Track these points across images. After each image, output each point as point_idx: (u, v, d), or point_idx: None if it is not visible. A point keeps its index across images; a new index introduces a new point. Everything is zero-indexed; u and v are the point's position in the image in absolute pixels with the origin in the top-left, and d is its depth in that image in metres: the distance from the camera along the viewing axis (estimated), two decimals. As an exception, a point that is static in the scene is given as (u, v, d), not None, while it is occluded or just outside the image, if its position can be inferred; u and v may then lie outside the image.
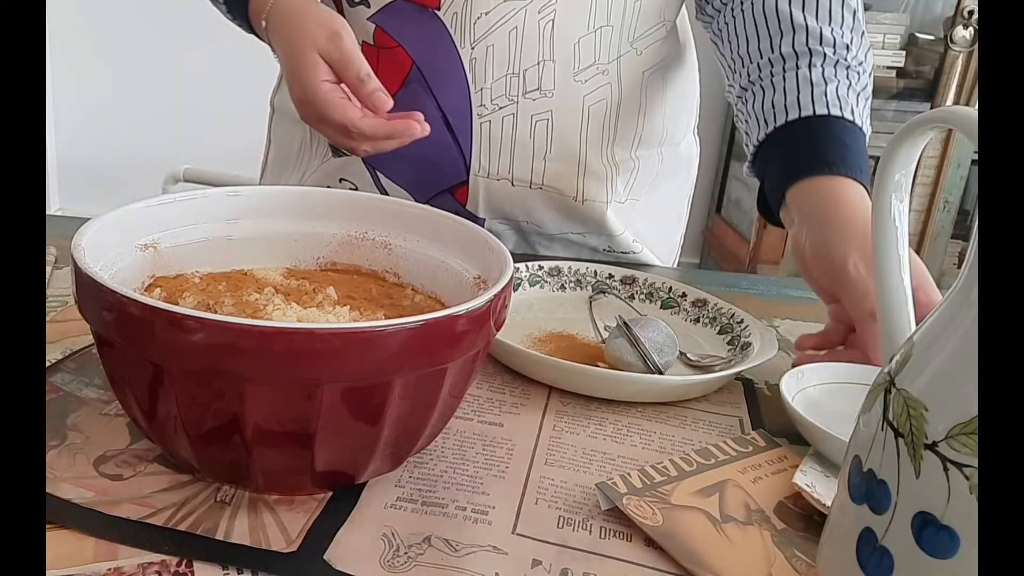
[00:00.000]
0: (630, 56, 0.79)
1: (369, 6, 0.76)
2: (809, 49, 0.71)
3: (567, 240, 0.87)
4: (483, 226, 0.83)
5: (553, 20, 0.74)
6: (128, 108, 2.79)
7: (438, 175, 0.81)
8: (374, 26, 0.76)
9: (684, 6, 0.87)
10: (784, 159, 0.69)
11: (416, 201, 0.82)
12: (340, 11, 0.75)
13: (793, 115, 0.69)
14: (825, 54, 0.71)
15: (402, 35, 0.75)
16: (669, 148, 0.88)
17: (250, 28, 0.76)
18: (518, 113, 0.77)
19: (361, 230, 0.58)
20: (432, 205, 0.83)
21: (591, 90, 0.78)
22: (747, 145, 0.74)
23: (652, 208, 0.90)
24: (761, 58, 0.73)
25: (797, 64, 0.71)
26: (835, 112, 0.68)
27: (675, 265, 0.99)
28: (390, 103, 0.65)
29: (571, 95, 0.77)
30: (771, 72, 0.72)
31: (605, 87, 0.78)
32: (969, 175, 2.47)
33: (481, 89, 0.75)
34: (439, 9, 0.73)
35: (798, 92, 0.69)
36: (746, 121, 0.74)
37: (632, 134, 0.82)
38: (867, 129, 0.70)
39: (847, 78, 0.70)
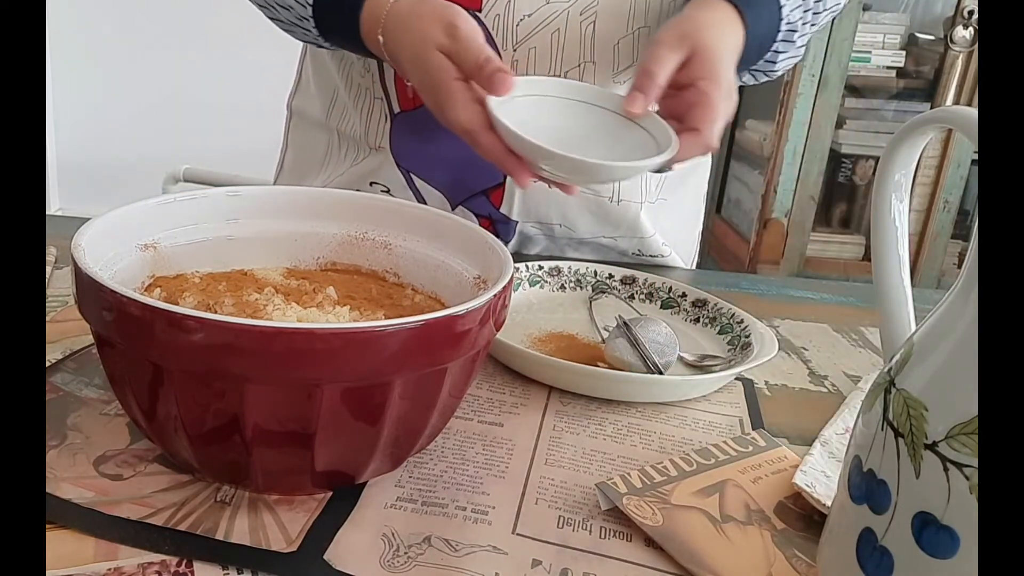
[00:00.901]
0: None
1: None
2: None
3: (598, 244, 0.87)
4: (515, 229, 0.84)
5: (594, 22, 0.74)
6: (128, 108, 2.78)
7: (474, 177, 0.80)
8: None
9: None
10: None
11: (451, 203, 0.82)
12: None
13: None
14: None
15: None
16: None
17: (354, 47, 0.71)
18: None
19: (361, 230, 0.58)
20: (466, 207, 0.82)
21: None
22: None
23: (676, 205, 0.90)
24: None
25: None
26: None
27: (694, 265, 0.99)
28: (510, 82, 0.60)
29: None
30: None
31: None
32: (969, 175, 2.47)
33: None
34: (480, 11, 0.73)
35: None
36: None
37: None
38: (791, 21, 0.70)
39: None
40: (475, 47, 0.61)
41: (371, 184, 0.84)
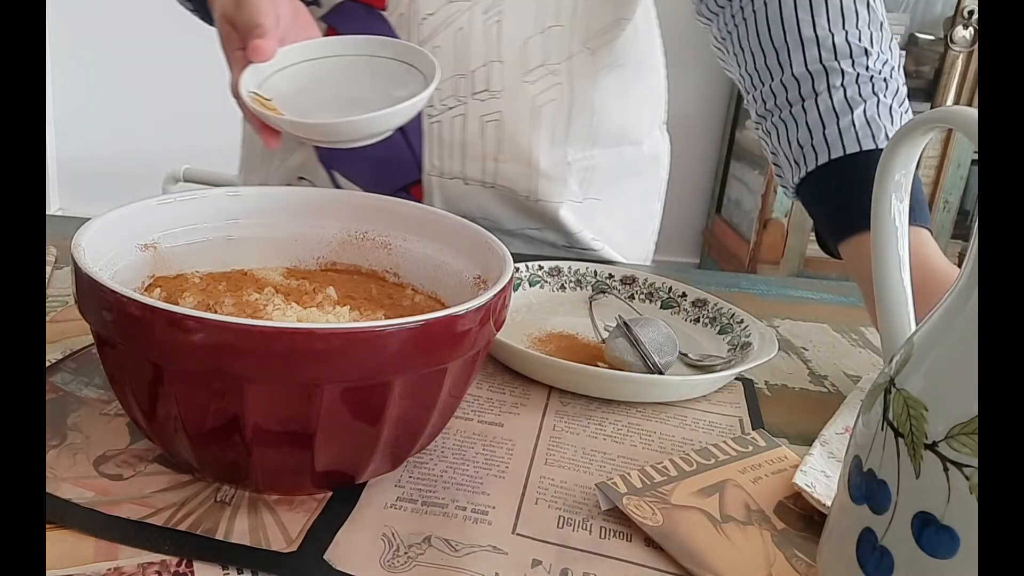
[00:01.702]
0: (583, 56, 0.78)
1: (320, 5, 0.76)
2: (824, 67, 0.65)
3: (526, 236, 0.86)
4: None
5: (500, 21, 0.73)
6: (128, 108, 2.79)
7: (393, 174, 0.80)
8: (326, 25, 0.76)
9: (652, 1, 0.86)
10: (826, 212, 0.66)
11: None
12: None
13: (823, 157, 0.64)
14: (843, 71, 0.65)
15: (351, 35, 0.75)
16: (631, 147, 0.87)
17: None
18: (467, 114, 0.76)
19: (361, 230, 0.58)
20: None
21: (541, 91, 0.77)
22: (784, 183, 0.71)
23: (617, 207, 0.89)
24: (773, 80, 0.68)
25: (815, 88, 0.66)
26: (867, 145, 0.63)
27: (649, 262, 0.98)
28: (264, 50, 0.59)
29: (520, 96, 0.76)
30: (787, 100, 0.67)
31: (556, 87, 0.77)
32: (969, 175, 2.47)
33: None
34: (385, 10, 0.73)
35: (823, 128, 0.65)
36: (774, 153, 0.70)
37: (586, 134, 0.81)
38: None
39: (873, 93, 0.65)
40: (249, 16, 0.60)
41: (299, 179, 0.85)
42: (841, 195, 0.65)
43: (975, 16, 2.34)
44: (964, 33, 2.37)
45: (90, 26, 2.68)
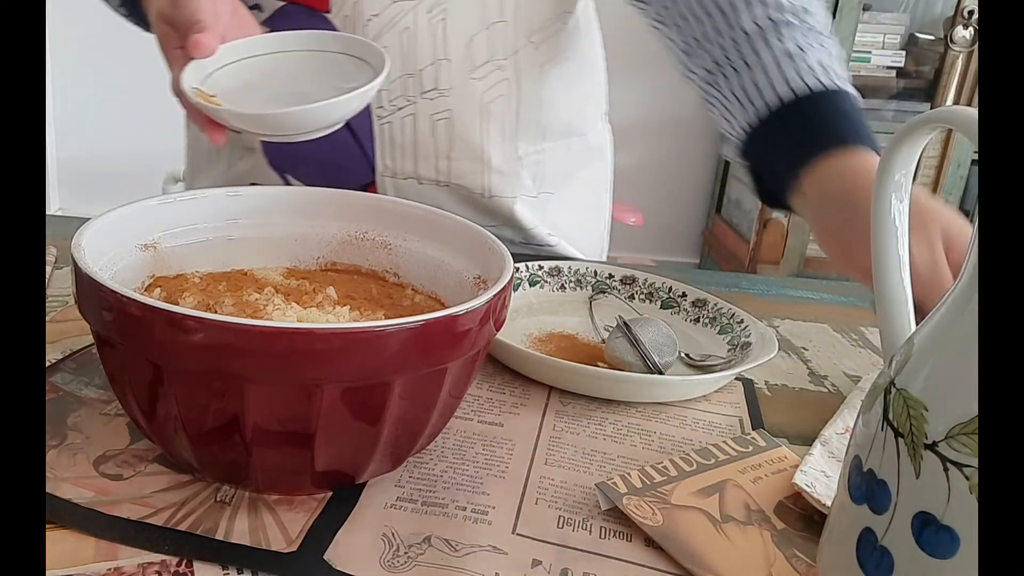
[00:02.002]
0: (528, 51, 0.78)
1: (262, 10, 0.75)
2: (773, 21, 0.67)
3: None
4: None
5: (444, 19, 0.73)
6: (128, 108, 2.78)
7: (345, 176, 0.80)
8: (269, 29, 0.75)
9: None
10: (791, 141, 0.66)
11: None
12: None
13: (786, 93, 0.65)
14: (790, 22, 0.67)
15: None
16: (578, 139, 0.88)
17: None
18: (417, 113, 0.76)
19: (361, 230, 0.58)
20: None
21: (489, 87, 0.77)
22: (730, 129, 0.71)
23: (570, 200, 0.89)
24: (722, 37, 0.69)
25: (765, 38, 0.67)
26: (829, 84, 0.65)
27: (604, 257, 0.99)
28: (204, 45, 0.57)
29: (469, 93, 0.77)
30: (739, 51, 0.68)
31: (503, 83, 0.78)
32: (969, 175, 2.47)
33: (379, 91, 0.76)
34: (329, 12, 0.73)
35: (780, 68, 0.66)
36: (724, 104, 0.71)
37: (535, 128, 0.82)
38: (855, 95, 0.68)
39: (821, 45, 0.67)
40: (187, 12, 0.58)
41: (251, 184, 0.84)
42: (806, 124, 0.65)
43: (975, 16, 2.34)
44: (964, 33, 2.37)
45: (90, 26, 2.68)
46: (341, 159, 0.78)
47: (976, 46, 2.37)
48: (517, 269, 0.69)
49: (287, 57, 0.64)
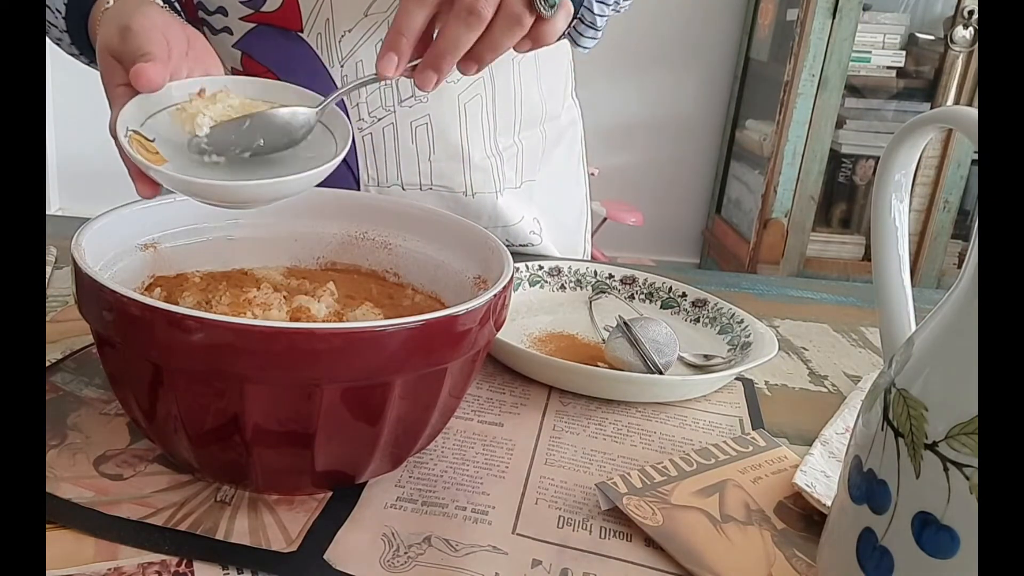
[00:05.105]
0: None
1: (232, 33, 0.74)
2: None
3: None
4: None
5: None
6: (128, 108, 2.78)
7: (330, 188, 0.80)
8: (240, 52, 0.75)
9: None
10: None
11: None
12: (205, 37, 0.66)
13: None
14: None
15: (269, 60, 0.74)
16: (552, 122, 0.89)
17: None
18: (397, 122, 0.77)
19: (361, 230, 0.59)
20: None
21: (464, 87, 0.78)
22: None
23: (548, 179, 0.90)
24: None
25: None
26: None
27: (589, 234, 0.99)
28: (147, 76, 0.50)
29: (446, 97, 0.77)
30: None
31: (478, 83, 0.79)
32: (969, 175, 2.47)
33: (357, 104, 0.76)
34: (302, 31, 0.73)
35: None
36: None
37: (512, 121, 0.83)
38: None
39: None
40: (135, 45, 0.53)
41: None
42: None
43: (975, 16, 2.34)
44: (964, 33, 2.37)
45: (90, 26, 2.68)
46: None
47: (976, 46, 2.37)
48: (517, 269, 0.69)
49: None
